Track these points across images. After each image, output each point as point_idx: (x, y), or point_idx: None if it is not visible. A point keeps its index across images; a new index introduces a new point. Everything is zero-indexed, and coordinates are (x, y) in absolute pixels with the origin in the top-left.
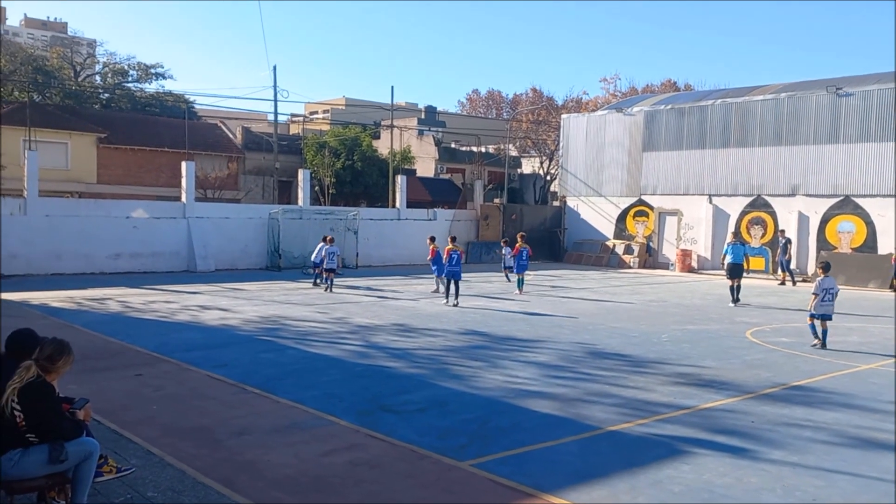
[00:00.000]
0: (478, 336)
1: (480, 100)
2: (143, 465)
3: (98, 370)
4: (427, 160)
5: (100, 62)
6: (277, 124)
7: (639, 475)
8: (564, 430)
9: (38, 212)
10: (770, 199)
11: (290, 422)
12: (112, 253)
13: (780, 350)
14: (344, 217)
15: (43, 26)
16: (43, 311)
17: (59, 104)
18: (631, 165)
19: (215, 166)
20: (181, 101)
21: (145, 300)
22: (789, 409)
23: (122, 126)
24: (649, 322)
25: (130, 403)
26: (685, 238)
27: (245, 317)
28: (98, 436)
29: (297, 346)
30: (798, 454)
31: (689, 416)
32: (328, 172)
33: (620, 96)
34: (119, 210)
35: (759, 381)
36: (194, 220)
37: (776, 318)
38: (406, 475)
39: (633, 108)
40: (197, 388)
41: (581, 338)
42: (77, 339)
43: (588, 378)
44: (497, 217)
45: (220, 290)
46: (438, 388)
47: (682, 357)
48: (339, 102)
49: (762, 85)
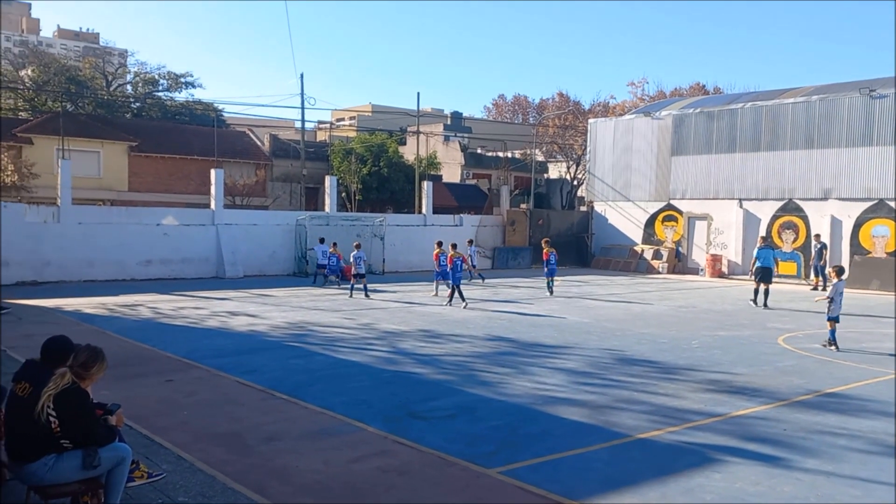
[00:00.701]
0: (505, 342)
1: (506, 105)
2: (174, 471)
3: (130, 376)
4: (453, 166)
5: (131, 72)
6: (304, 131)
7: (670, 483)
8: (594, 437)
9: (72, 219)
10: (802, 203)
11: (320, 428)
12: (143, 259)
13: (813, 356)
14: (370, 223)
15: (75, 37)
16: (76, 318)
17: (92, 113)
18: (659, 170)
19: (244, 173)
20: (210, 109)
21: (175, 306)
22: (823, 417)
23: (153, 134)
24: (679, 328)
25: (162, 409)
26: (715, 243)
27: (273, 323)
28: (130, 441)
29: (326, 352)
30: (833, 463)
31: (721, 424)
32: (355, 179)
33: (648, 100)
34: (150, 217)
35: (792, 388)
36: (223, 227)
37: (809, 324)
38: (435, 482)
39: (662, 111)
40: (227, 394)
41: (610, 344)
42: (109, 345)
43: (617, 385)
44: (524, 222)
45: (249, 296)
46: (466, 394)
47: (713, 363)
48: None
49: (793, 87)
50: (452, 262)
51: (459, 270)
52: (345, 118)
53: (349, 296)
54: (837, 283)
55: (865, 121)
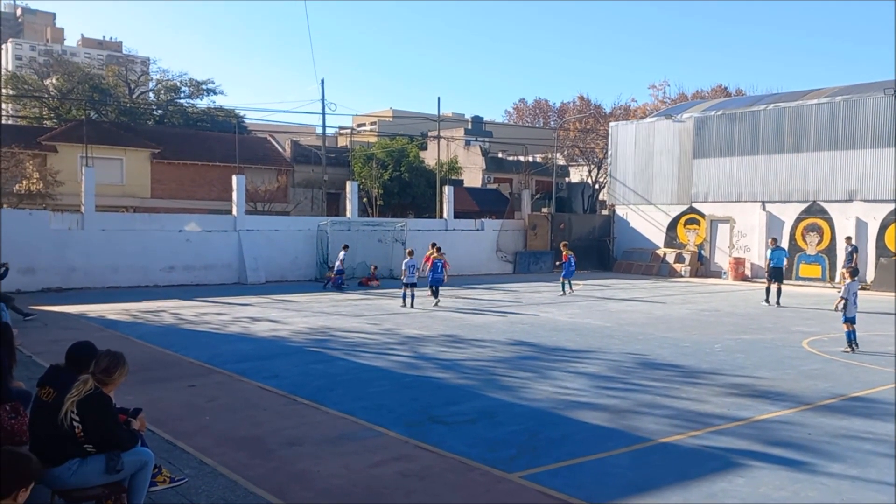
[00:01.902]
0: (526, 347)
1: (527, 109)
2: (196, 475)
3: (153, 381)
4: (474, 170)
5: (153, 79)
6: (325, 137)
7: (692, 488)
8: (616, 441)
9: (95, 226)
10: (826, 206)
11: (340, 432)
12: (166, 266)
13: (838, 360)
14: (392, 228)
15: (99, 46)
16: (100, 324)
17: (115, 121)
18: (681, 173)
19: (265, 179)
20: (231, 115)
21: (198, 312)
22: (848, 421)
23: (175, 141)
24: (702, 332)
25: (184, 414)
26: (738, 246)
27: (295, 328)
28: (153, 445)
29: (347, 357)
30: (858, 467)
31: (744, 428)
32: (376, 184)
33: (670, 103)
34: (172, 224)
35: (817, 392)
36: (245, 233)
37: (834, 328)
38: (455, 487)
39: (683, 114)
40: (249, 399)
41: (632, 348)
42: (133, 350)
43: (639, 389)
44: (545, 226)
45: (271, 301)
46: (487, 398)
47: (736, 367)
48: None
49: (816, 88)
50: (432, 262)
51: (439, 272)
52: (366, 123)
53: (403, 305)
54: (850, 284)
55: (890, 121)
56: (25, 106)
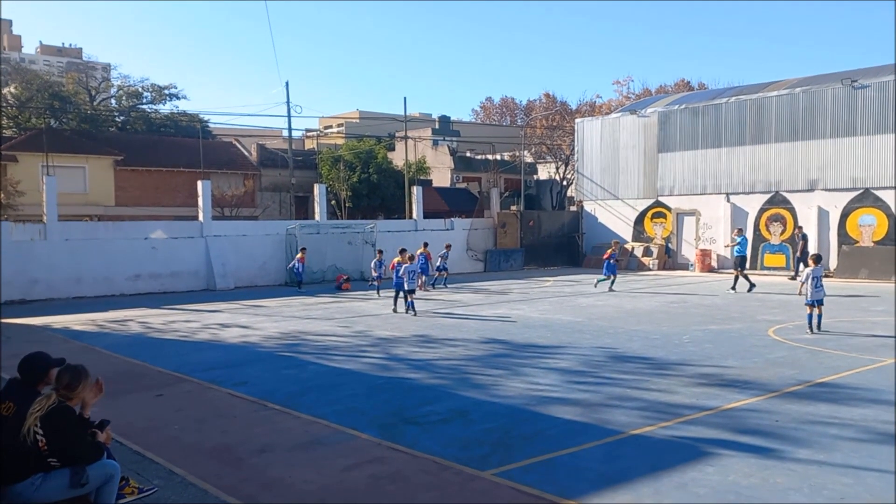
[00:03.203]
0: (498, 344)
1: (494, 107)
2: (166, 486)
3: (120, 392)
4: (443, 170)
5: (114, 86)
6: (292, 140)
7: (663, 479)
8: (588, 435)
9: (58, 236)
10: (788, 195)
11: (312, 437)
12: (132, 274)
13: (803, 347)
14: (361, 230)
15: (58, 53)
16: (65, 335)
17: (76, 129)
18: (647, 167)
19: (231, 184)
20: (195, 120)
21: (166, 320)
22: (814, 407)
23: (138, 148)
24: (670, 323)
25: (152, 424)
26: (704, 238)
27: (265, 333)
28: (120, 457)
29: (319, 360)
30: (824, 452)
31: (713, 417)
32: (344, 186)
33: (634, 98)
34: (137, 231)
35: (783, 379)
36: (212, 239)
37: (799, 315)
38: (429, 487)
39: (647, 109)
40: (218, 407)
41: (602, 342)
42: (99, 362)
43: (610, 382)
44: (514, 224)
45: (240, 307)
46: (460, 398)
47: (704, 358)
48: (353, 116)
49: (776, 80)
50: (395, 267)
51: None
52: (332, 125)
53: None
54: (811, 269)
55: (849, 111)
56: None
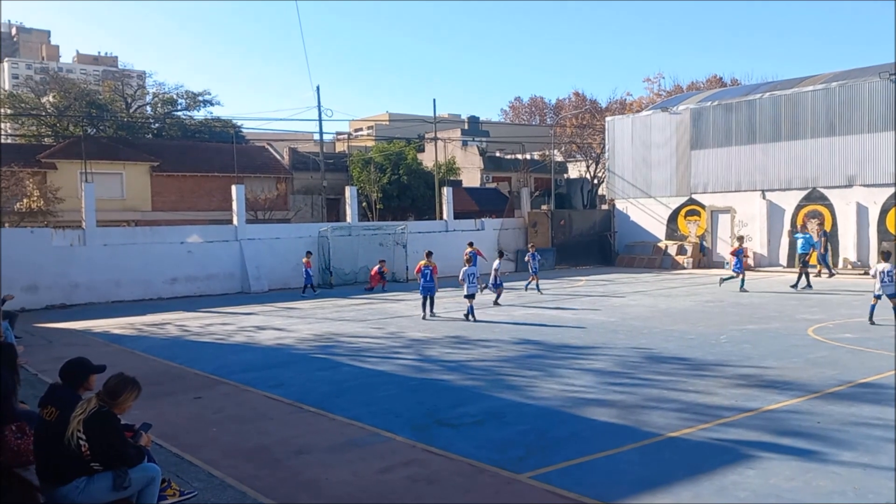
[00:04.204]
0: (532, 345)
1: (523, 107)
2: (205, 488)
3: (159, 395)
4: (472, 170)
5: (149, 93)
6: (323, 143)
7: (703, 482)
8: (625, 438)
9: (97, 242)
10: (826, 192)
11: (348, 439)
12: (169, 278)
13: (844, 346)
14: (392, 231)
15: (94, 61)
16: (105, 339)
17: (113, 136)
18: (679, 164)
19: (264, 188)
20: (229, 126)
21: (202, 323)
22: (857, 408)
23: (174, 154)
24: (707, 323)
25: (191, 426)
26: (740, 235)
27: (300, 335)
28: (160, 459)
29: (352, 362)
30: (869, 455)
31: (753, 419)
32: (375, 188)
33: (665, 95)
34: (174, 236)
35: (825, 380)
36: (246, 242)
37: (839, 314)
38: (465, 489)
39: (679, 106)
40: (255, 409)
41: (637, 342)
42: (138, 364)
43: (646, 384)
44: (545, 223)
45: (274, 309)
46: (494, 399)
47: (742, 358)
48: (383, 118)
49: (812, 75)
50: (420, 270)
51: (430, 280)
52: (362, 128)
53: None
54: (878, 265)
55: (887, 105)
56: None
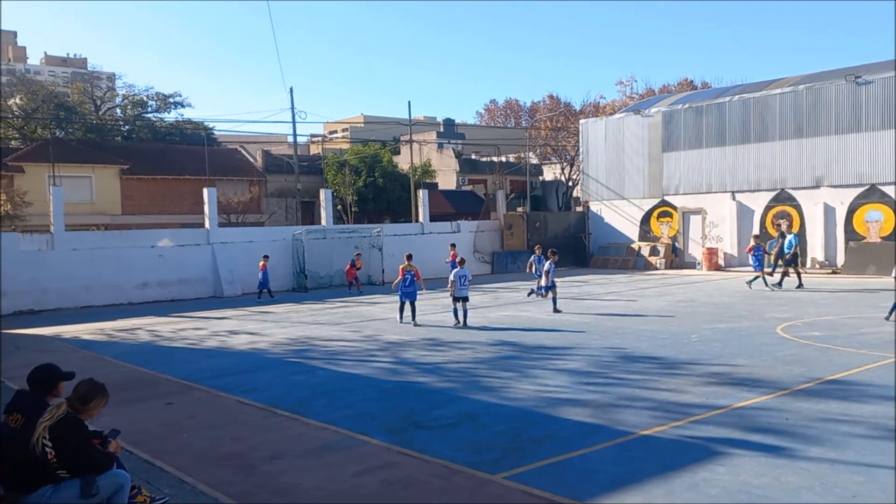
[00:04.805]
0: (507, 346)
1: (498, 109)
2: (177, 494)
3: (130, 401)
4: (448, 173)
5: (119, 95)
6: (297, 146)
7: (674, 479)
8: (598, 437)
9: (66, 246)
10: (794, 193)
11: (323, 443)
12: (140, 282)
13: (812, 344)
14: (368, 234)
15: (63, 63)
16: (75, 345)
17: (82, 139)
18: (652, 166)
19: (237, 191)
20: (200, 128)
21: (174, 328)
22: (825, 404)
23: (144, 156)
24: (679, 323)
25: (163, 433)
26: (710, 236)
27: (274, 339)
28: (131, 466)
29: (328, 366)
30: (836, 450)
31: (724, 417)
32: (350, 191)
33: (637, 98)
34: (144, 240)
35: (793, 377)
36: (219, 246)
37: (807, 312)
38: (440, 491)
39: (651, 109)
40: (228, 414)
41: (611, 342)
42: (108, 370)
43: (620, 383)
44: (521, 226)
45: (248, 313)
46: (470, 401)
47: (713, 356)
48: (358, 120)
49: (780, 78)
50: (404, 274)
51: (410, 284)
52: (337, 130)
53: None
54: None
55: (853, 107)
56: None
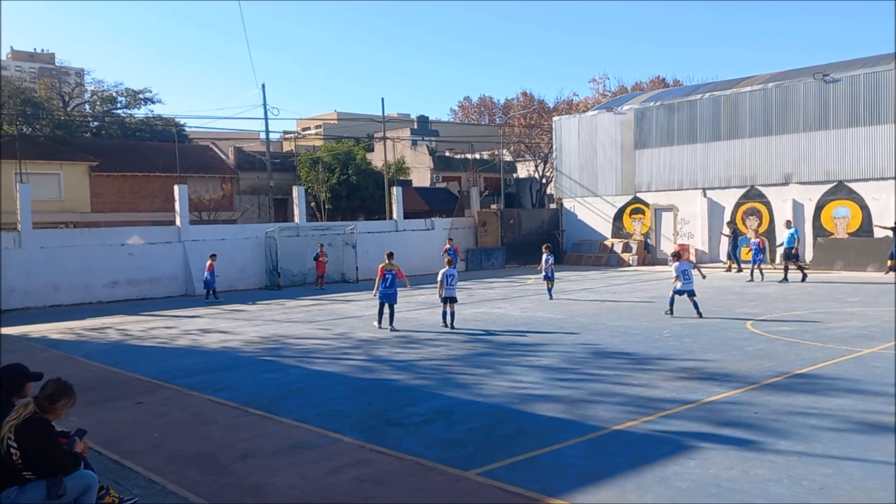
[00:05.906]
0: (481, 343)
1: (472, 107)
2: (146, 495)
3: (99, 401)
4: (422, 170)
5: (88, 91)
6: (270, 142)
7: (645, 473)
8: (570, 432)
9: (34, 244)
10: (764, 189)
11: (295, 441)
12: (109, 281)
13: (781, 339)
14: (341, 231)
15: (30, 58)
16: (43, 344)
17: (50, 135)
18: (624, 164)
19: (209, 188)
20: (171, 124)
21: (145, 327)
22: (793, 398)
23: (114, 153)
24: (651, 318)
25: (132, 432)
26: (682, 233)
27: (246, 338)
28: (100, 466)
29: (300, 364)
30: (804, 443)
31: (694, 411)
32: (323, 188)
33: (610, 96)
34: (114, 238)
35: (762, 372)
36: (190, 244)
37: (776, 308)
38: (413, 489)
39: (624, 106)
40: (199, 414)
41: (584, 338)
42: (77, 370)
43: (592, 378)
44: (495, 223)
45: (220, 312)
46: (444, 398)
47: (684, 352)
48: (331, 117)
49: (750, 76)
50: (383, 274)
51: (391, 285)
52: (310, 127)
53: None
54: None
55: (821, 105)
56: None
